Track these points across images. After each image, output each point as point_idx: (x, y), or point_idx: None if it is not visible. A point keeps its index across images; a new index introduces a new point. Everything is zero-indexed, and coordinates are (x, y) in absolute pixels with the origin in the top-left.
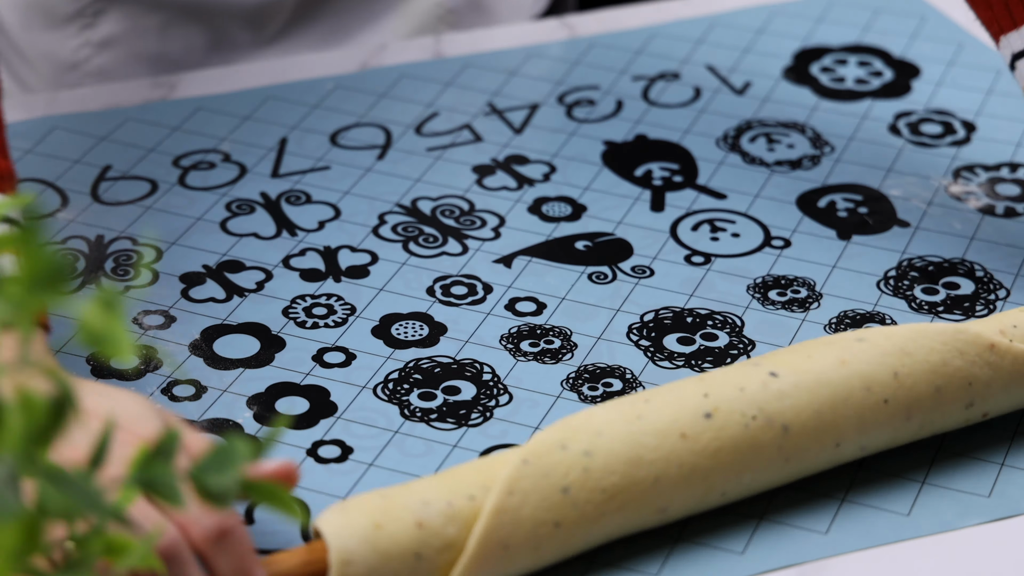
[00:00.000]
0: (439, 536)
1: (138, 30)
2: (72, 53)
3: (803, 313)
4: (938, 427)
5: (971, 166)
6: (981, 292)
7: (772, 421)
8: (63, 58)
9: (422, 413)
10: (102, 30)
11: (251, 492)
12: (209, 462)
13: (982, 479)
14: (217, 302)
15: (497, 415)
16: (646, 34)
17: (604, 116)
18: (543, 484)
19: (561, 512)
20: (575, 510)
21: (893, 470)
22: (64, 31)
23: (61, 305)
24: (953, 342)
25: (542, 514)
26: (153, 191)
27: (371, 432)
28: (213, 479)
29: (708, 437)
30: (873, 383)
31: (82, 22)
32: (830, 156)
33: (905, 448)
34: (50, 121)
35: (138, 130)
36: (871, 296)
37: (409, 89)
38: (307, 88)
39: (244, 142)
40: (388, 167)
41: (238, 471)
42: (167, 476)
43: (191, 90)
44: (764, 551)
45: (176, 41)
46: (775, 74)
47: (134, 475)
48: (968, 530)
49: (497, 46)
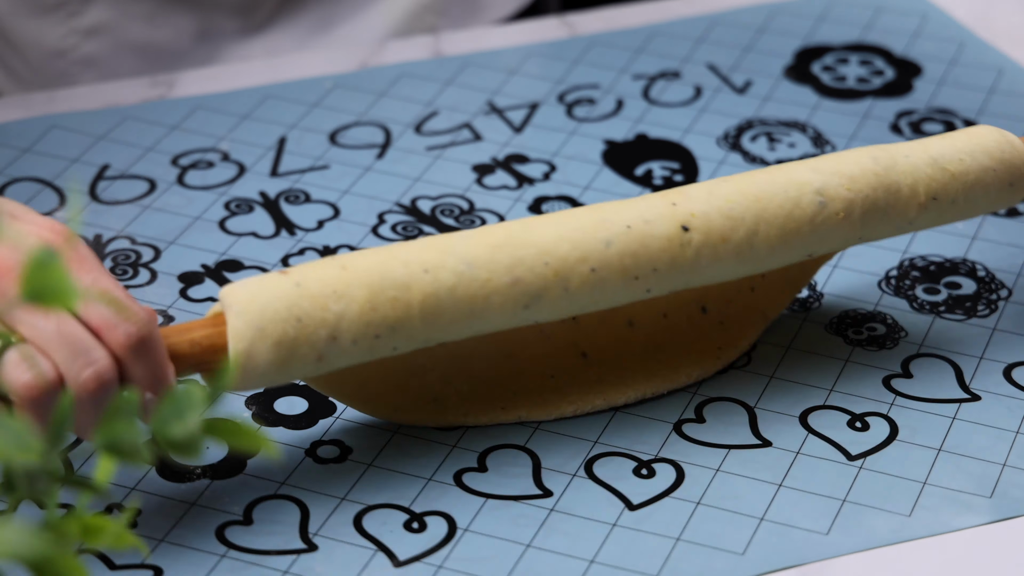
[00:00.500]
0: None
1: (125, 18)
2: (59, 41)
3: (804, 313)
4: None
5: None
6: (983, 292)
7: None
8: (50, 46)
9: None
10: (89, 18)
11: (215, 433)
12: (167, 411)
13: (983, 480)
14: (216, 302)
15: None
16: (646, 32)
17: (604, 115)
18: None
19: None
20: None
21: (894, 471)
22: (50, 18)
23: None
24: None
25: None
26: (152, 190)
27: (370, 432)
28: (175, 428)
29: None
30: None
31: (68, 9)
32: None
33: (906, 449)
34: (48, 120)
35: (136, 129)
36: (872, 296)
37: (409, 88)
38: (306, 87)
39: (243, 141)
40: (387, 166)
41: (197, 416)
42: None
43: (190, 89)
44: (764, 552)
45: (164, 29)
46: (776, 73)
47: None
48: (970, 531)
49: (497, 45)
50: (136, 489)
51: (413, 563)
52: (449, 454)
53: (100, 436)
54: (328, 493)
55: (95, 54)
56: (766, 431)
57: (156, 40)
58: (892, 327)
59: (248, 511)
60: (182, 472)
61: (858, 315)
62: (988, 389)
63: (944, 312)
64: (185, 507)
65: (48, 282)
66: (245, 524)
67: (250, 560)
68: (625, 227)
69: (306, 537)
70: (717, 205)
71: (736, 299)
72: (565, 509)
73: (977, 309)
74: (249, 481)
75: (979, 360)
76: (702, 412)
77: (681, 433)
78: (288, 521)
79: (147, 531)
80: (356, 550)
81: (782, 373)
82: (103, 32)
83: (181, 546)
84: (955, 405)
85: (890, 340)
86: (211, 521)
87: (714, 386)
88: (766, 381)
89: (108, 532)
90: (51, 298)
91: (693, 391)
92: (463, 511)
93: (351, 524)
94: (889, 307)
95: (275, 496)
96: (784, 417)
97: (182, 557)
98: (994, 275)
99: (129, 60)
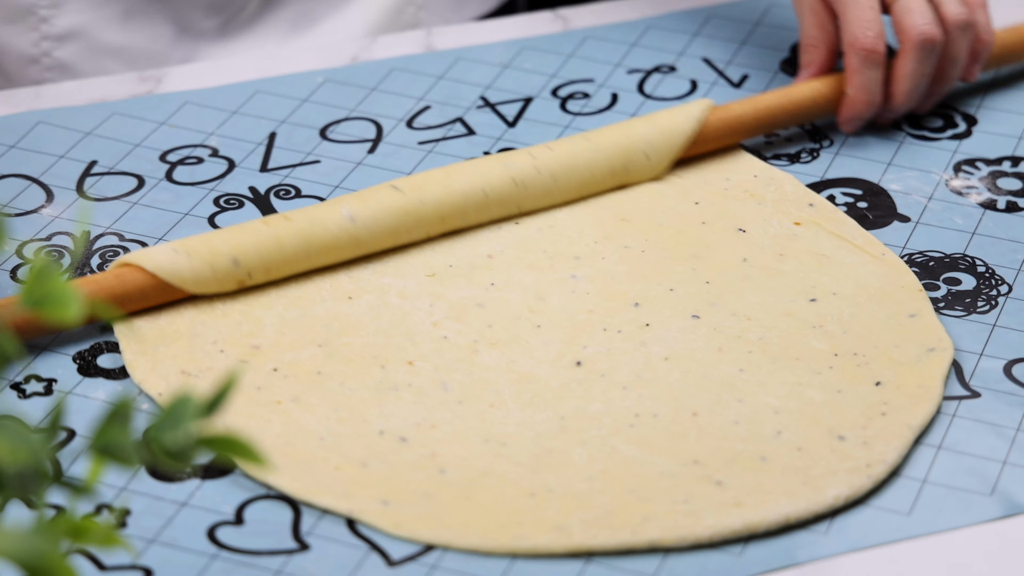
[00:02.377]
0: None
1: (99, 21)
2: (31, 47)
3: None
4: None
5: (972, 160)
6: (982, 288)
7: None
8: (22, 52)
9: None
10: (60, 23)
11: (209, 446)
12: (163, 421)
13: (984, 478)
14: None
15: None
16: (641, 26)
17: (599, 109)
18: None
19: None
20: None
21: (893, 468)
22: (20, 25)
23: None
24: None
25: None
26: (140, 186)
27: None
28: (169, 437)
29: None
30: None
31: (39, 15)
32: (829, 150)
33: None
34: (34, 115)
35: (124, 125)
36: None
37: (400, 82)
38: (296, 82)
39: (232, 136)
40: (379, 161)
41: (193, 427)
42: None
43: (178, 84)
44: (763, 551)
45: (140, 31)
46: (773, 67)
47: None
48: (970, 529)
49: (489, 39)
50: (126, 489)
51: (407, 563)
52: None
53: (95, 439)
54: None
55: (69, 60)
56: None
57: (133, 43)
58: None
59: (239, 511)
60: (172, 472)
61: None
62: (988, 386)
63: (943, 308)
64: (176, 507)
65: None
66: (236, 524)
67: (242, 561)
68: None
69: (298, 537)
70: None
71: (871, 421)
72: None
73: (977, 305)
74: (240, 481)
75: (979, 357)
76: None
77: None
78: (280, 521)
79: (137, 531)
80: (349, 550)
81: None
82: (76, 37)
83: (171, 547)
84: (955, 402)
85: None
86: (202, 521)
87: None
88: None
89: (96, 533)
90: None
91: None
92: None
93: (344, 524)
94: None
95: (267, 496)
96: None
97: (172, 558)
98: (994, 270)
99: (105, 64)
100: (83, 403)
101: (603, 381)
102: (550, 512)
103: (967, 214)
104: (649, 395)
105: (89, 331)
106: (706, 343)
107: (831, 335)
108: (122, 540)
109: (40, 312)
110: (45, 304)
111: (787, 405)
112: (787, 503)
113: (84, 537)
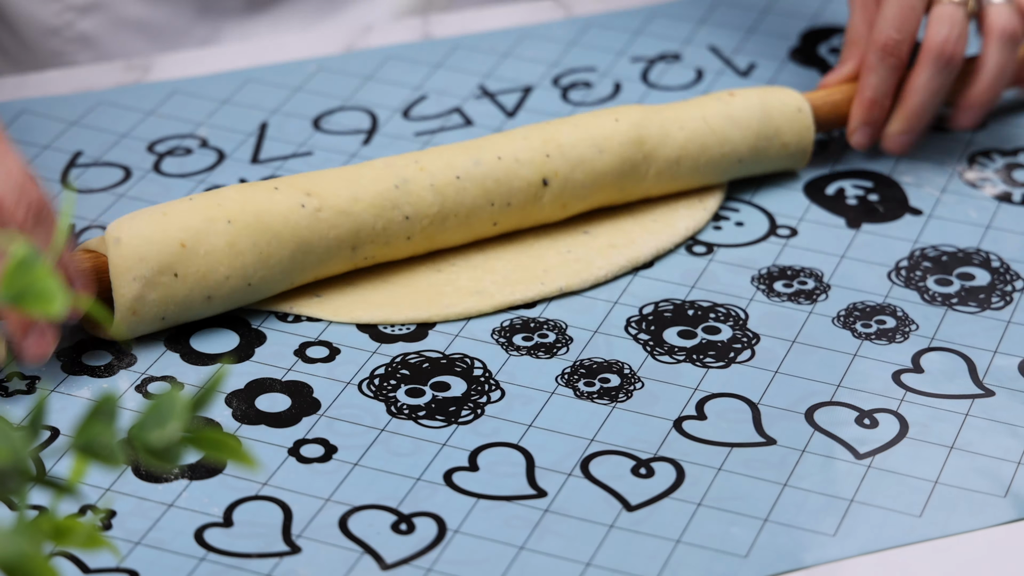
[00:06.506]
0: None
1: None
2: (53, 17)
3: (810, 305)
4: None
5: (987, 151)
6: (997, 283)
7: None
8: (44, 23)
9: (410, 410)
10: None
11: (195, 444)
12: (148, 419)
13: (997, 479)
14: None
15: (488, 412)
16: (645, 13)
17: (601, 99)
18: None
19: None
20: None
21: (904, 470)
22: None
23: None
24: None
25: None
26: (127, 178)
27: (356, 430)
28: (154, 435)
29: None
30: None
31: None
32: (839, 141)
33: (916, 447)
34: (18, 105)
35: (110, 114)
36: (882, 287)
37: (396, 71)
38: (288, 70)
39: (222, 127)
40: (374, 152)
41: (179, 425)
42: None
43: (166, 73)
44: (768, 555)
45: (162, 6)
46: (782, 55)
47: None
48: (983, 532)
49: (489, 26)
50: (111, 490)
51: (401, 566)
52: (439, 453)
53: (77, 437)
54: (312, 494)
55: (91, 32)
56: (770, 428)
57: (155, 18)
58: (902, 320)
59: (228, 512)
60: (159, 472)
61: (867, 307)
62: (1002, 384)
63: (956, 304)
64: (162, 508)
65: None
66: (225, 526)
67: (230, 563)
68: (496, 157)
69: (289, 539)
70: (579, 179)
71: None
72: (560, 510)
73: (991, 301)
74: (229, 481)
75: (993, 354)
76: (703, 408)
77: (681, 431)
78: (270, 523)
79: (122, 533)
80: (341, 552)
81: (787, 368)
82: (99, 9)
83: (158, 549)
84: (968, 401)
85: (900, 333)
86: (189, 523)
87: (716, 381)
88: (771, 376)
89: (80, 534)
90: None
91: (694, 388)
92: (453, 512)
93: (336, 526)
94: (899, 299)
95: (256, 497)
96: (789, 414)
97: (159, 560)
98: (1009, 265)
99: (127, 38)
100: (67, 401)
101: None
102: (462, 281)
103: (982, 207)
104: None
105: (73, 327)
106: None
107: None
108: (106, 541)
109: (22, 306)
110: (27, 298)
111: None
112: (651, 240)
113: (67, 538)
